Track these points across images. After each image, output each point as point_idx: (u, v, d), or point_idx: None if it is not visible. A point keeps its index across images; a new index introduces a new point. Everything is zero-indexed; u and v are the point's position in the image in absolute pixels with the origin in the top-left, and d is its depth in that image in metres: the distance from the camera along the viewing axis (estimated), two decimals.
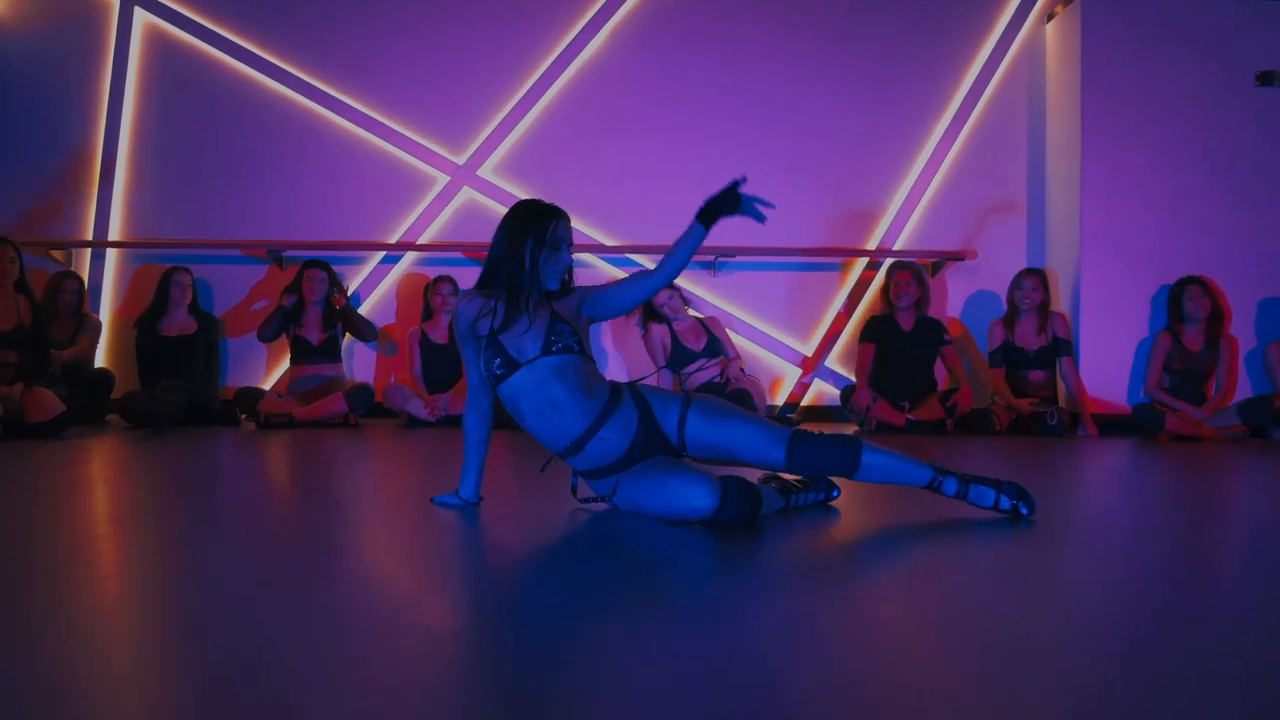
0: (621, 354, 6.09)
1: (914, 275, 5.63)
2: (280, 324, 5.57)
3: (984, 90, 6.16)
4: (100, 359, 5.90)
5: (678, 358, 5.52)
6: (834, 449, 2.43)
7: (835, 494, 2.71)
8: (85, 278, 5.97)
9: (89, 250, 6.02)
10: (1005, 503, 2.44)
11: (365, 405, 5.45)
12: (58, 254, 5.94)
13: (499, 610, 1.69)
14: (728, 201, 2.48)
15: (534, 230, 2.54)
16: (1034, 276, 5.64)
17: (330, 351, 5.65)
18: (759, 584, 1.95)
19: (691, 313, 5.69)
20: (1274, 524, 2.75)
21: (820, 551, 2.24)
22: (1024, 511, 2.43)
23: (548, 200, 2.65)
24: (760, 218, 2.52)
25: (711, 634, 1.52)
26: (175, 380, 5.35)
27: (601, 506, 2.64)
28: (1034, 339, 5.62)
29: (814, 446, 2.42)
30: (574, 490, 2.69)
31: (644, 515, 2.48)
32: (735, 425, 2.49)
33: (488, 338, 2.53)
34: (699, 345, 5.54)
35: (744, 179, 2.53)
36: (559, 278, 2.59)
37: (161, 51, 6.07)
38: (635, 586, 1.90)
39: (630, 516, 2.52)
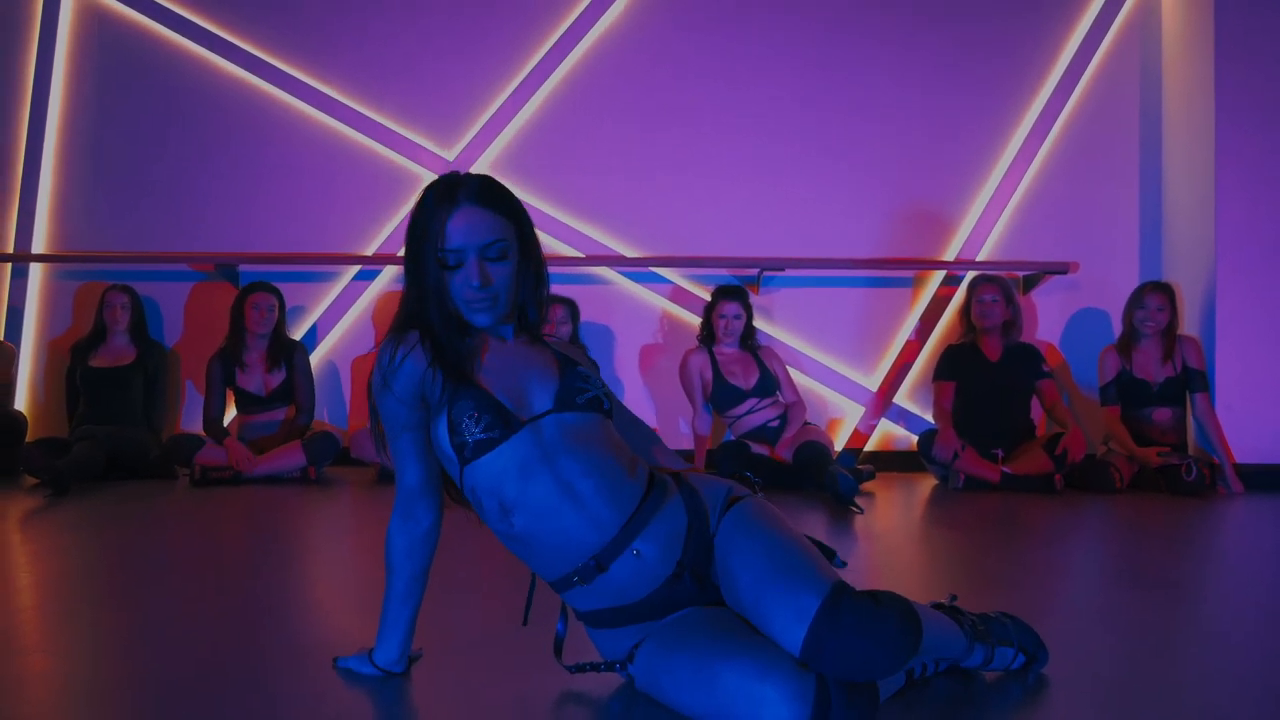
0: (648, 387, 5.02)
1: (1001, 292, 4.62)
2: (221, 395, 4.66)
3: (1086, 65, 5.10)
4: (21, 398, 4.93)
5: (721, 396, 4.45)
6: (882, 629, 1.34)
7: (1024, 658, 1.67)
8: (4, 298, 5.02)
9: (9, 266, 5.06)
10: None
11: (329, 457, 4.44)
12: None
13: None
14: None
15: (423, 238, 1.57)
16: (1160, 293, 4.55)
17: (284, 396, 4.63)
18: None
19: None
20: None
21: None
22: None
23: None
24: None
25: None
26: (96, 425, 4.46)
27: (611, 678, 1.60)
28: (1158, 369, 4.54)
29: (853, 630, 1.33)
30: (558, 646, 1.63)
31: (673, 709, 1.43)
32: (762, 555, 1.45)
33: (453, 389, 1.52)
34: (748, 382, 4.46)
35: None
36: (494, 311, 1.56)
37: (97, 29, 5.15)
38: None
39: (653, 702, 1.48)
